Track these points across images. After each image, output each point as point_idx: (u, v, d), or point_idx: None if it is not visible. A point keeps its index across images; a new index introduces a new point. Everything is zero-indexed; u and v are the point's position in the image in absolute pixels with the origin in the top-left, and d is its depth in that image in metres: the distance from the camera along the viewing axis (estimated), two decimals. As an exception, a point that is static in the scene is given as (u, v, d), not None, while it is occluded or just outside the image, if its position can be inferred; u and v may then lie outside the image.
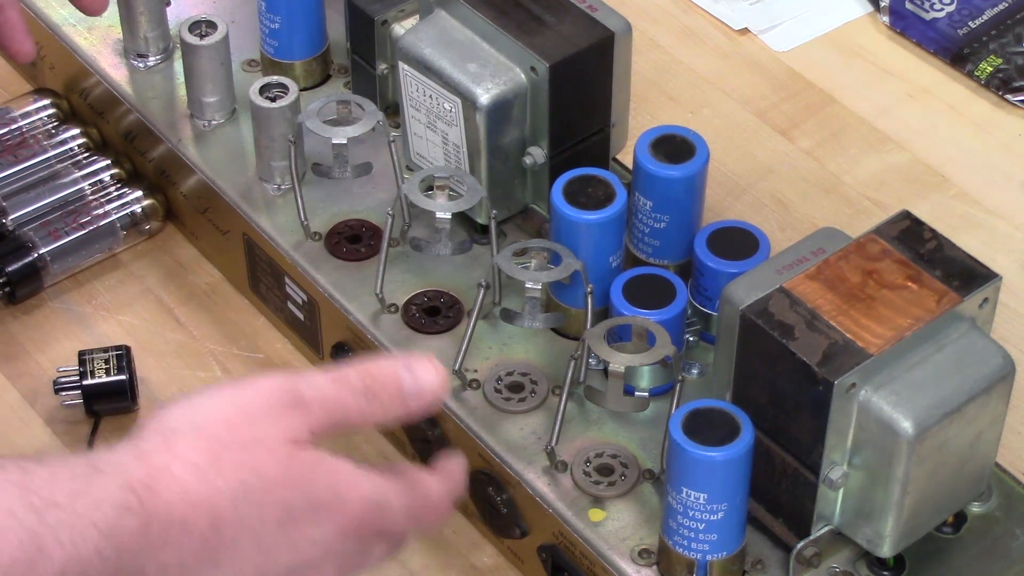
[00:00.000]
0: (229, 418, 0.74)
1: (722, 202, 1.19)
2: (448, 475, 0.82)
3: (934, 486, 0.88)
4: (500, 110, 1.02)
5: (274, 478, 0.73)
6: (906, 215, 0.92)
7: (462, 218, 1.07)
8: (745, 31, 1.33)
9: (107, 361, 1.07)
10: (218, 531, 0.72)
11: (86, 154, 1.21)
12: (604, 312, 0.99)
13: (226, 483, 0.72)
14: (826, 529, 0.90)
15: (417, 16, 1.09)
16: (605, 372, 0.99)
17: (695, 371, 1.00)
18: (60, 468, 0.71)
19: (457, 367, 0.99)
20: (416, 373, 0.79)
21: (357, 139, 1.07)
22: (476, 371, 1.01)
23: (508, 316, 0.99)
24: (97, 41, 1.21)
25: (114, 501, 0.70)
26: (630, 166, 1.04)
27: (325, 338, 1.08)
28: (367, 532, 0.77)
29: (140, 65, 1.20)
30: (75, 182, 1.19)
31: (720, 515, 0.87)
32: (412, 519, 0.79)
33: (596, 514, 0.94)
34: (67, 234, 1.16)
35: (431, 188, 1.03)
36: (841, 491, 0.89)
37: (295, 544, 0.74)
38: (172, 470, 0.72)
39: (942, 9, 1.32)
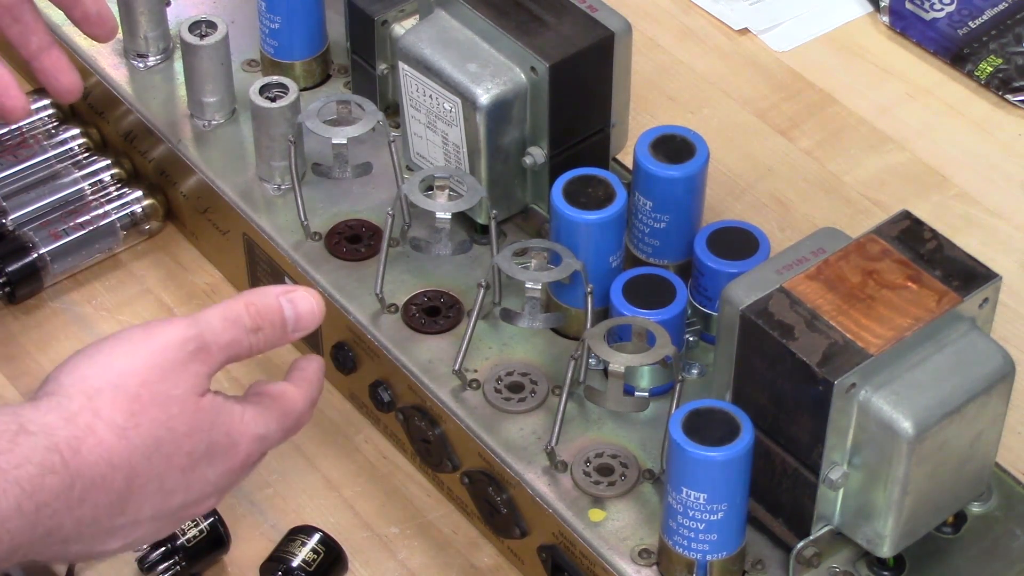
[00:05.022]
0: (144, 374, 0.79)
1: (722, 202, 1.19)
2: (308, 384, 0.88)
3: (934, 486, 0.88)
4: (500, 110, 1.02)
5: (183, 431, 0.79)
6: (906, 215, 0.92)
7: (462, 218, 1.07)
8: (745, 31, 1.33)
9: (107, 361, 1.07)
10: (130, 483, 0.77)
11: (86, 154, 1.21)
12: (604, 312, 0.99)
13: (143, 440, 0.78)
14: (826, 529, 0.90)
15: (417, 16, 1.09)
16: (605, 372, 0.99)
17: (695, 371, 1.00)
18: None
19: (457, 367, 0.99)
20: (296, 304, 0.85)
21: (357, 139, 1.07)
22: (476, 371, 1.01)
23: (508, 316, 0.99)
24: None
25: (40, 460, 0.75)
26: (630, 166, 1.04)
27: (325, 338, 1.08)
28: (251, 465, 0.84)
29: (140, 65, 1.20)
30: (75, 182, 1.19)
31: (720, 515, 0.87)
32: (286, 438, 0.86)
33: (596, 514, 0.94)
34: (67, 234, 1.16)
35: (431, 188, 1.03)
36: (841, 491, 0.89)
37: (190, 485, 0.80)
38: (96, 431, 0.77)
39: (942, 9, 1.32)
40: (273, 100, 1.09)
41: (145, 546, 0.99)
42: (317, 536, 0.99)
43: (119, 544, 0.79)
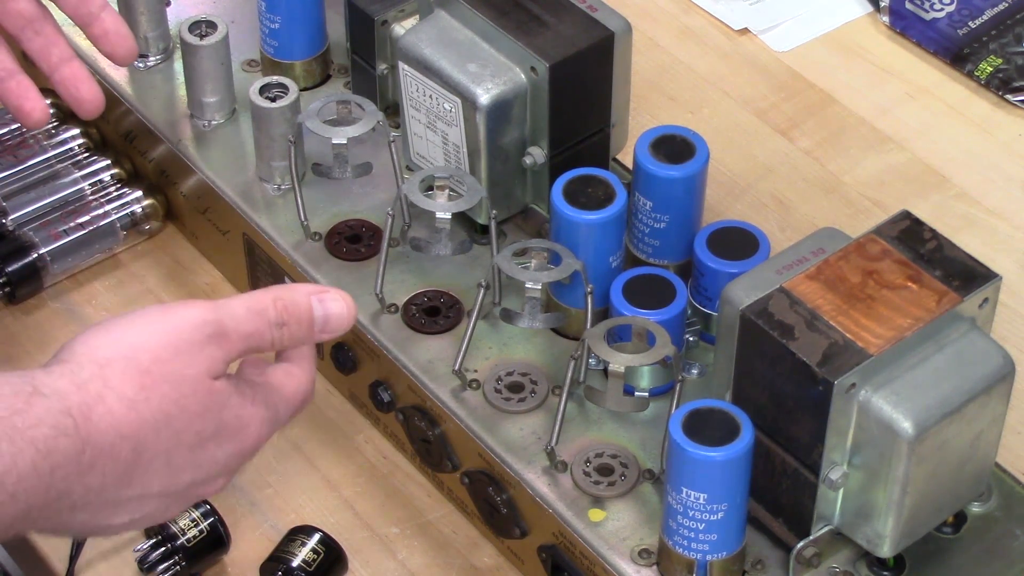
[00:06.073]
0: (157, 351, 0.78)
1: (722, 202, 1.19)
2: (308, 362, 0.86)
3: (934, 486, 0.88)
4: (500, 110, 1.02)
5: (194, 411, 0.79)
6: (906, 215, 0.92)
7: (462, 218, 1.07)
8: (745, 31, 1.33)
9: (107, 361, 1.07)
10: (137, 457, 0.77)
11: (86, 154, 1.21)
12: (604, 312, 0.99)
13: (152, 414, 0.77)
14: (826, 529, 0.90)
15: (417, 16, 1.09)
16: (605, 372, 0.99)
17: (695, 371, 1.00)
18: (1, 385, 0.75)
19: (457, 367, 0.99)
20: (326, 304, 0.84)
21: (357, 139, 1.07)
22: (476, 371, 1.01)
23: (508, 316, 0.99)
24: (97, 41, 1.21)
25: (53, 423, 0.75)
26: (630, 166, 1.04)
27: (325, 338, 1.08)
28: (260, 446, 0.83)
29: (140, 65, 1.20)
30: (75, 182, 1.19)
31: (720, 515, 0.87)
32: (293, 417, 0.86)
33: (596, 514, 0.94)
34: (67, 234, 1.16)
35: (431, 188, 1.03)
36: (841, 491, 0.89)
37: (199, 464, 0.80)
38: (106, 400, 0.76)
39: (942, 9, 1.32)
40: (273, 100, 1.09)
41: (146, 540, 0.99)
42: (317, 536, 0.99)
43: (126, 518, 0.79)
